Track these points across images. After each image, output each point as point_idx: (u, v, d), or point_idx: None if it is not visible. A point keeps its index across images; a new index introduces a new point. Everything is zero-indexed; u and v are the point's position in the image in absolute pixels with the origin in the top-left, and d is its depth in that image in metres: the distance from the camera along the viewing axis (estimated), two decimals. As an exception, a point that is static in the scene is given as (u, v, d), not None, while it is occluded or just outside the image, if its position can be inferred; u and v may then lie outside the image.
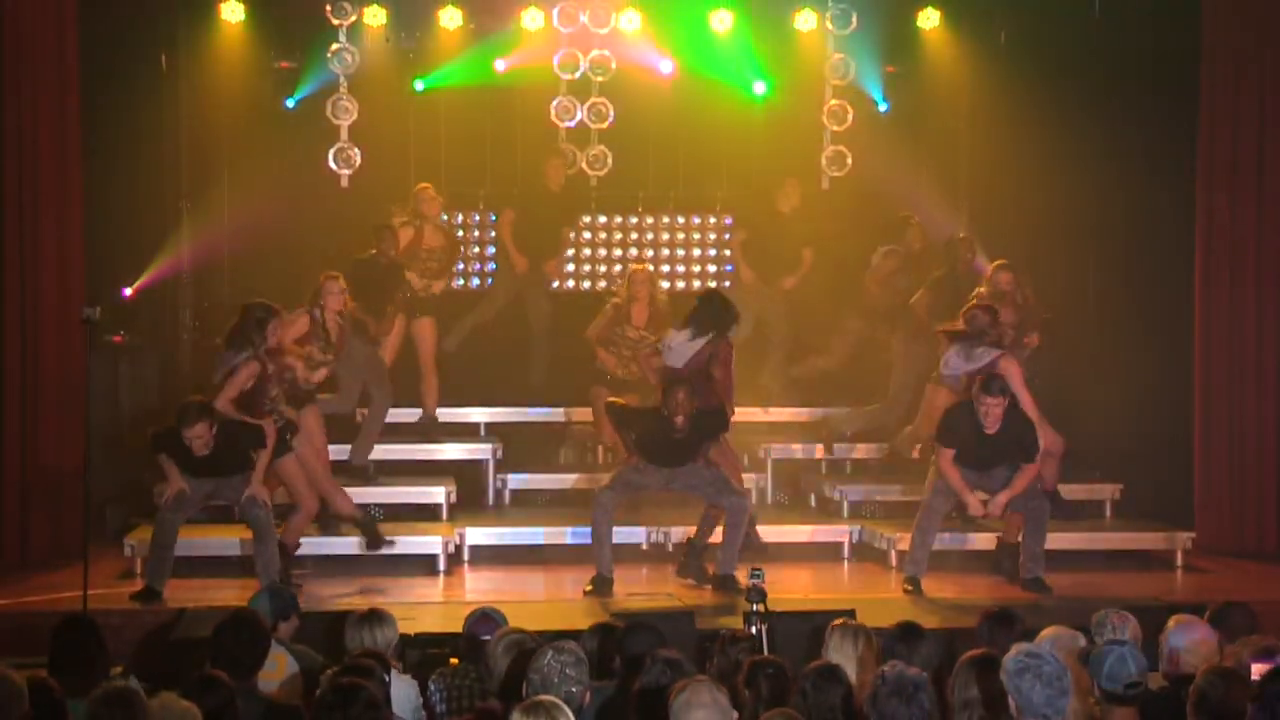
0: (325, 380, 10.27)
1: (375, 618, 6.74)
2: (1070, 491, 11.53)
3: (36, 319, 10.41)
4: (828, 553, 10.85)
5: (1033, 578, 9.63)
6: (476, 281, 13.34)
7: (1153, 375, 11.79)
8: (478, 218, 13.36)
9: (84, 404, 9.34)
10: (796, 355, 12.60)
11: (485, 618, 6.82)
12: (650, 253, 13.71)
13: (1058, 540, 10.18)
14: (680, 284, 13.68)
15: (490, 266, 13.25)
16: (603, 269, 13.57)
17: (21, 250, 10.37)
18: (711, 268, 13.79)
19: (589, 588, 9.41)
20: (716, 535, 9.73)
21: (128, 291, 11.72)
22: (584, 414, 11.80)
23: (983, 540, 10.66)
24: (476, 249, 13.49)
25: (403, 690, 6.26)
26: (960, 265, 11.60)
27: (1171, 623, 6.21)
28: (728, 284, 12.90)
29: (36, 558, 10.25)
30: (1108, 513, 11.56)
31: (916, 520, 9.70)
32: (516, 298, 12.52)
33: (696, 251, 13.59)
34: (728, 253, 13.37)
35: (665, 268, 13.74)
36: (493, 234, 13.17)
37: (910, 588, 9.55)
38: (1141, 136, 11.97)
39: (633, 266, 11.35)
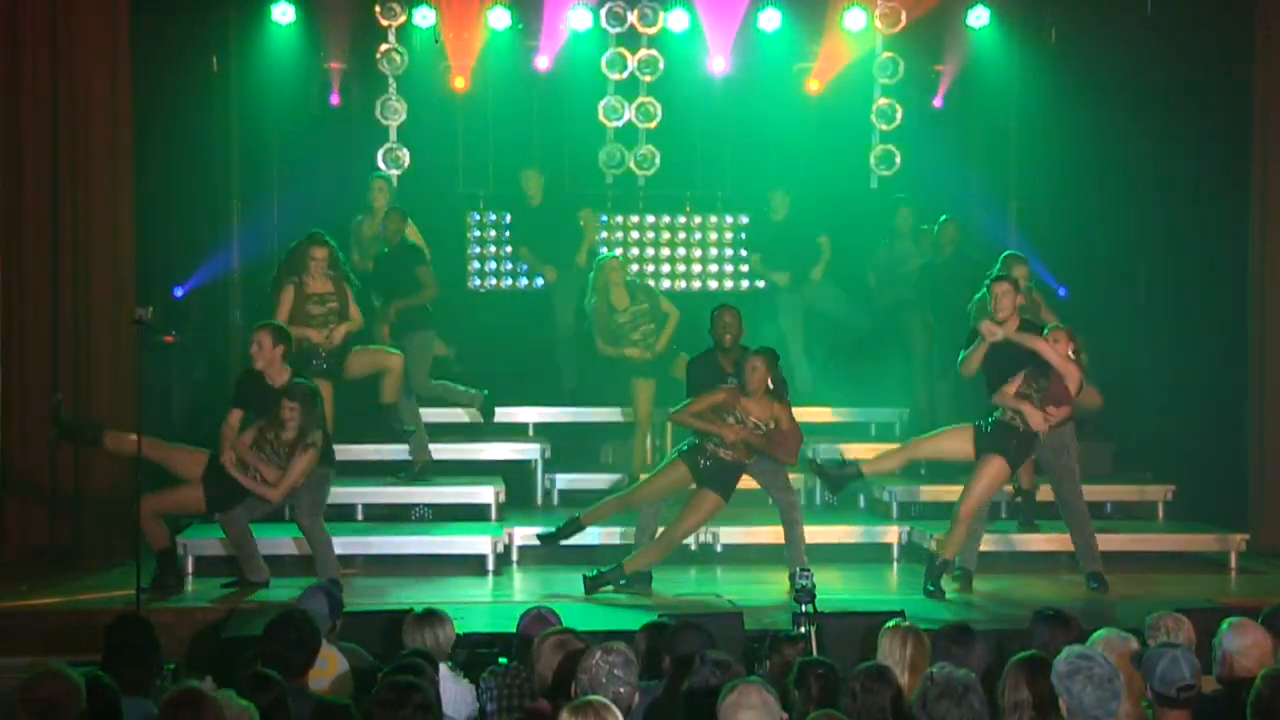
0: None
1: (433, 618, 6.77)
2: (1121, 493, 11.51)
3: (89, 319, 10.50)
4: (877, 554, 10.83)
5: (1090, 573, 9.60)
6: (524, 281, 13.42)
7: (1206, 374, 11.71)
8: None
9: (136, 404, 9.42)
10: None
11: (540, 618, 6.84)
12: (698, 252, 13.74)
13: (1110, 542, 10.14)
14: (729, 284, 13.70)
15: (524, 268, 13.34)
16: (650, 268, 13.60)
17: (74, 251, 10.45)
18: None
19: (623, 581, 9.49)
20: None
21: (180, 292, 11.80)
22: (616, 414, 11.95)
23: (1034, 541, 10.64)
24: (524, 249, 13.58)
25: (458, 691, 6.28)
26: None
27: (1225, 625, 6.16)
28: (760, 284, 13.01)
29: (90, 556, 10.34)
30: (1160, 514, 11.48)
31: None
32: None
33: (745, 251, 13.58)
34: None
35: (714, 267, 13.77)
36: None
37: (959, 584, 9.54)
38: (1194, 134, 11.88)
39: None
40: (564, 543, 9.88)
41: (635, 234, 13.58)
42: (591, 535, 10.20)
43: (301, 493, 9.45)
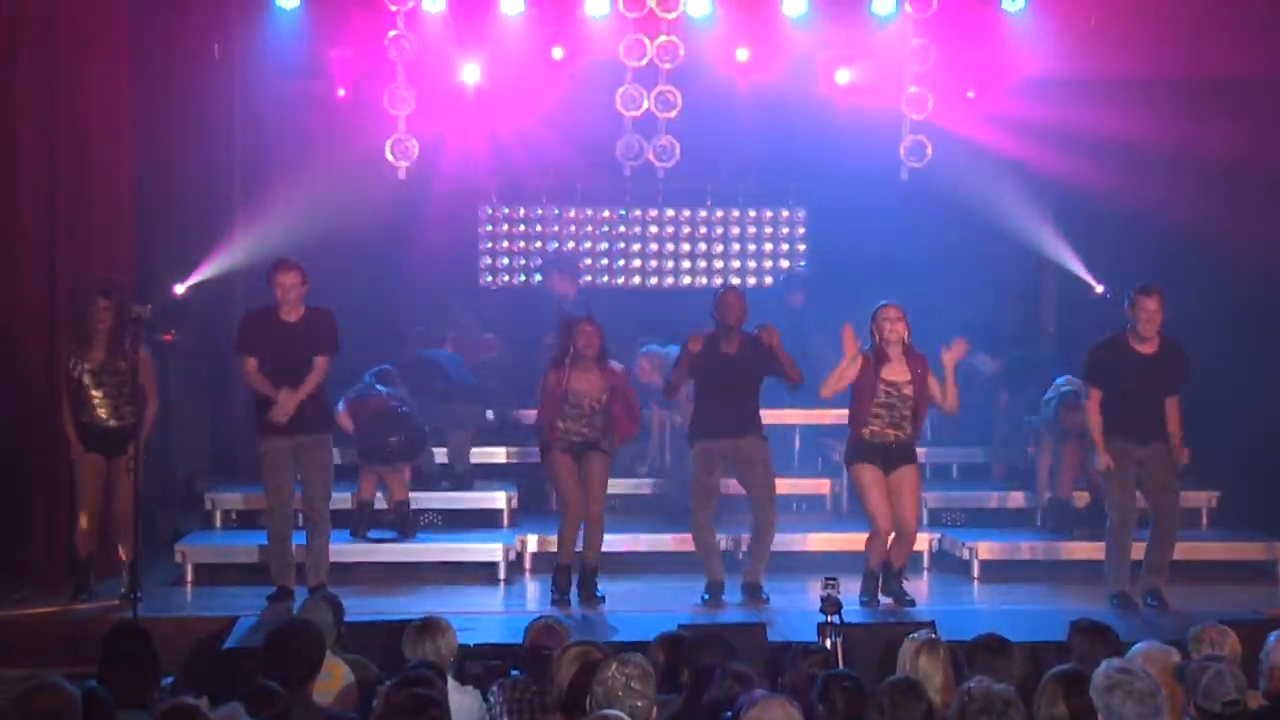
0: None
1: (433, 627, 6.78)
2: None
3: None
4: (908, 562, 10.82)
5: (1150, 590, 9.57)
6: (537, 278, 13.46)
7: (1250, 378, 11.67)
8: (540, 211, 13.45)
9: (134, 404, 9.46)
10: None
11: (548, 629, 6.85)
12: (720, 247, 13.75)
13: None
14: (751, 280, 13.70)
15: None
16: (670, 264, 13.62)
17: (71, 246, 10.49)
18: (784, 263, 13.80)
19: (706, 596, 9.68)
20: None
21: (179, 289, 11.83)
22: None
23: (1075, 550, 10.63)
24: (539, 244, 13.64)
25: (464, 701, 6.30)
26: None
27: (1272, 638, 6.14)
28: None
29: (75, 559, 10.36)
30: (1204, 521, 11.47)
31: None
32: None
33: (769, 246, 13.58)
34: (801, 247, 13.38)
35: (736, 263, 13.76)
36: (555, 228, 13.32)
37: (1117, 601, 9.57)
38: (1229, 132, 11.80)
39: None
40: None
41: (654, 229, 13.57)
42: (614, 544, 10.22)
43: (315, 473, 9.54)
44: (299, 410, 9.41)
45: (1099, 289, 12.69)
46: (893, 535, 9.54)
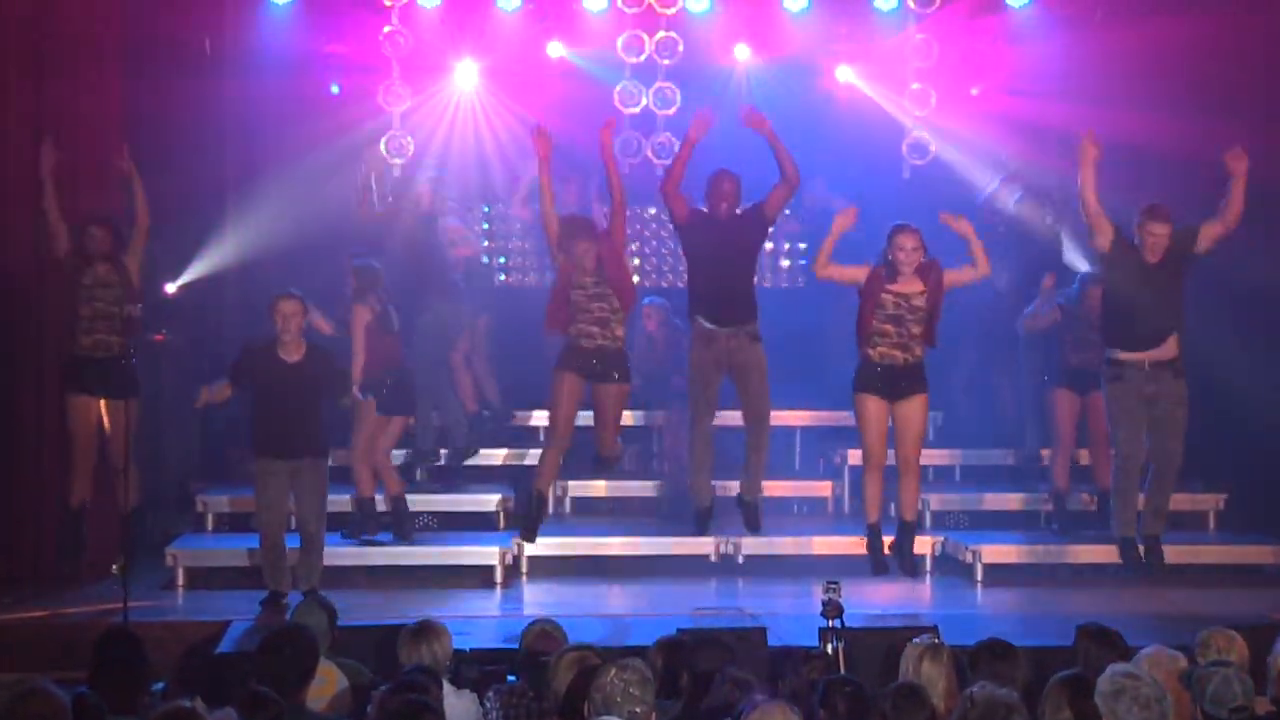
0: None
1: (428, 631, 6.77)
2: (1171, 501, 11.42)
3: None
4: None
5: (1151, 535, 9.63)
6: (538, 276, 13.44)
7: (1256, 380, 11.65)
8: (535, 209, 13.38)
9: (127, 404, 9.45)
10: None
11: (544, 633, 6.83)
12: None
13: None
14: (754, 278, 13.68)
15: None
16: (669, 263, 13.59)
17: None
18: (784, 262, 13.79)
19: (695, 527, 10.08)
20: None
21: (170, 288, 11.80)
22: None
23: (1081, 553, 10.61)
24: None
25: (459, 706, 6.28)
26: None
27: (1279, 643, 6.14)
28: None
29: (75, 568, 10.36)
30: (1211, 524, 11.46)
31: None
32: None
33: (768, 245, 13.55)
34: (802, 245, 13.35)
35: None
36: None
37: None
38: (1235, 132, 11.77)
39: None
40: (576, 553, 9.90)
41: (654, 226, 13.55)
42: (612, 546, 10.20)
43: (310, 496, 9.53)
44: (296, 430, 9.38)
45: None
46: (897, 480, 9.67)
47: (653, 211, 13.59)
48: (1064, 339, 11.10)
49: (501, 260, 13.72)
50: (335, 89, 12.88)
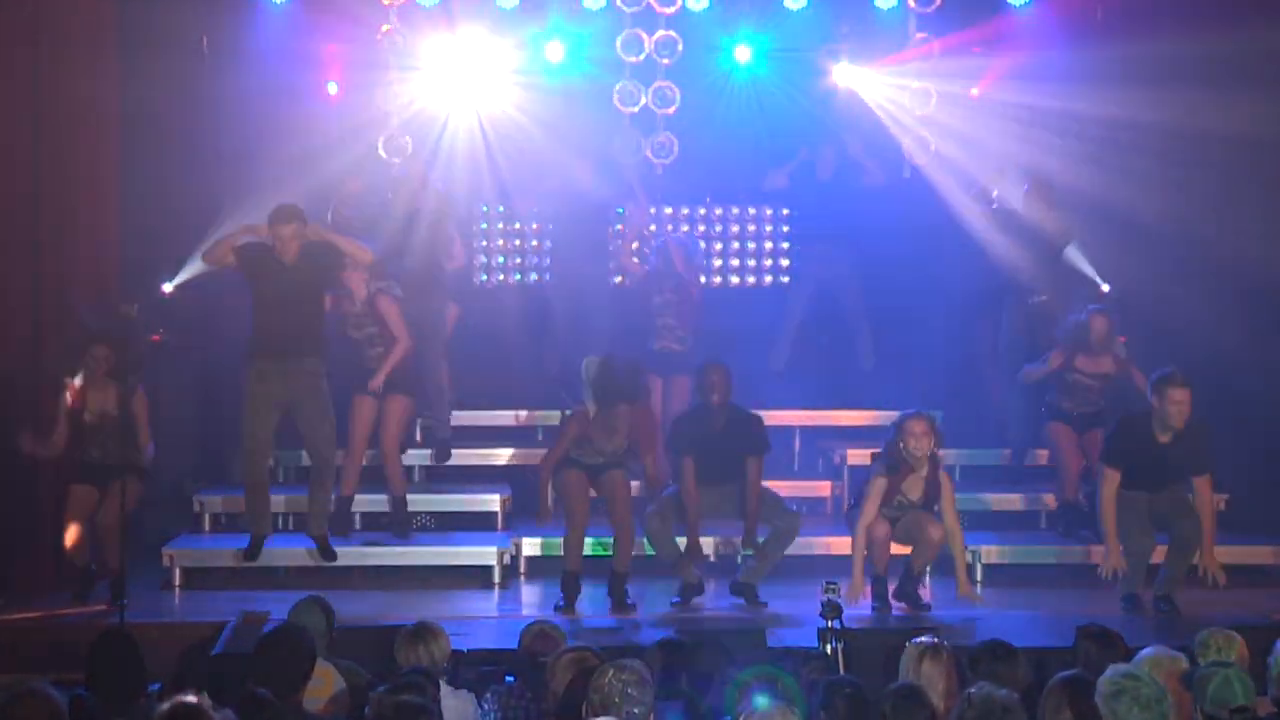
0: None
1: (426, 632, 6.78)
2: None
3: (71, 315, 10.51)
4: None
5: (1163, 595, 9.68)
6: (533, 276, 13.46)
7: (1259, 380, 11.66)
8: (536, 209, 13.43)
9: (120, 403, 9.46)
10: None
11: (543, 634, 6.85)
12: (719, 245, 13.75)
13: (1157, 554, 10.10)
14: (750, 279, 13.71)
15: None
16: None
17: (56, 244, 10.47)
18: (785, 261, 13.80)
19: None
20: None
21: (167, 287, 11.81)
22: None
23: (1079, 555, 10.62)
24: (534, 242, 13.65)
25: (457, 707, 6.29)
26: None
27: (1280, 643, 6.15)
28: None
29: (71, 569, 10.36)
30: (1212, 525, 11.44)
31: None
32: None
33: (769, 245, 13.58)
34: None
35: (735, 261, 13.78)
36: (551, 226, 13.34)
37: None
38: (1237, 129, 11.78)
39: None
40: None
41: (653, 226, 13.56)
42: (603, 546, 10.20)
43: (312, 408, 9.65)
44: (291, 329, 9.43)
45: (1105, 288, 12.67)
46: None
47: (651, 210, 13.56)
48: (1057, 385, 11.12)
49: (500, 260, 13.72)
50: (333, 88, 12.86)
